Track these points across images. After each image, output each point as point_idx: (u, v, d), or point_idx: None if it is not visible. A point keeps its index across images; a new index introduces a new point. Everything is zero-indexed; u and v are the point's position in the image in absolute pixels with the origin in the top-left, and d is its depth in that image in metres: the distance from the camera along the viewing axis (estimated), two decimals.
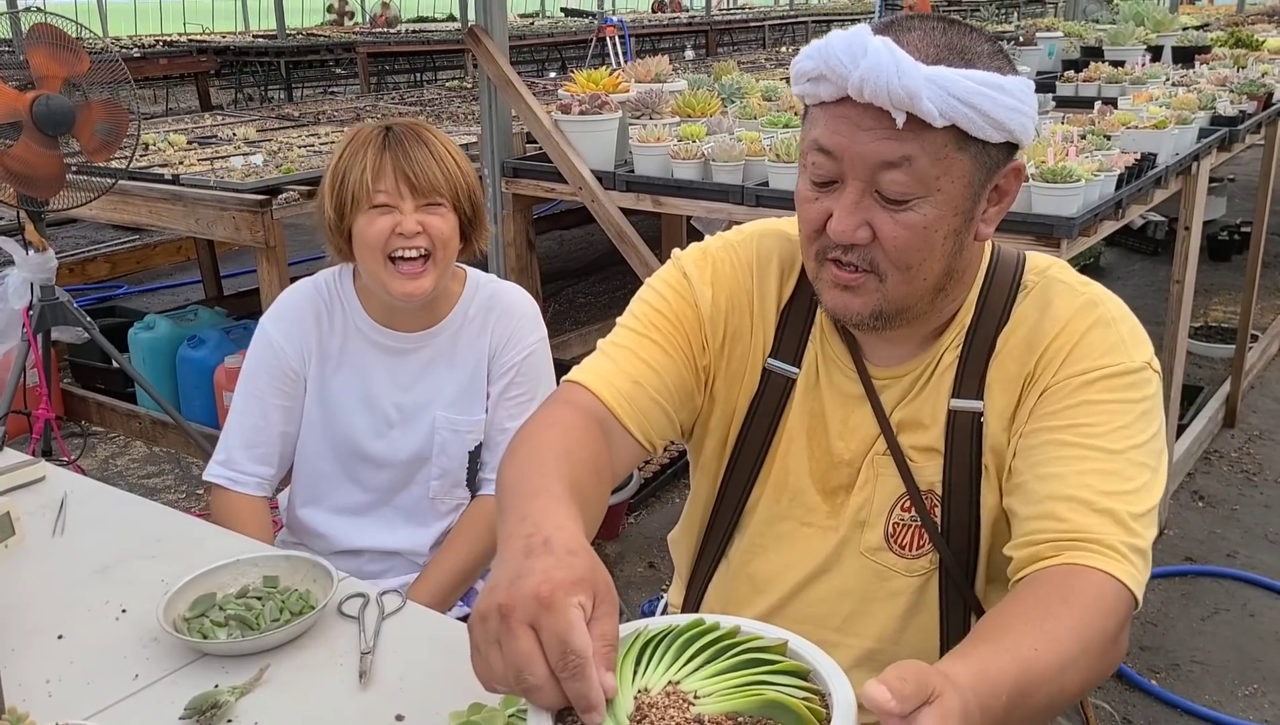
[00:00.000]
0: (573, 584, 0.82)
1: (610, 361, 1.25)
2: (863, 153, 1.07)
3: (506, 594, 0.82)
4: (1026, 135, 1.11)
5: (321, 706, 1.23)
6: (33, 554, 1.57)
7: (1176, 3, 9.27)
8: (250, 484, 1.86)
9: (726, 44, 14.60)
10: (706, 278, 1.31)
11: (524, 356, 1.87)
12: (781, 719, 0.82)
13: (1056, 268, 1.26)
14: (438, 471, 1.88)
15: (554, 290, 6.22)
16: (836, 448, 1.29)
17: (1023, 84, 1.09)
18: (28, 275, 3.39)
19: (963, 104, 1.04)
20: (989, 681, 0.87)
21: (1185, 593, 3.19)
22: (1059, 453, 1.13)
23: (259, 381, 1.86)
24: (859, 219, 1.10)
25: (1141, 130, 2.95)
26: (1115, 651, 1.03)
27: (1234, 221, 6.54)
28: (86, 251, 6.72)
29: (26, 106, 3.08)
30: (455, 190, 1.76)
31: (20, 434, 3.57)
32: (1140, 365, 1.17)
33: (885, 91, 1.03)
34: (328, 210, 1.77)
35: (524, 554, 0.87)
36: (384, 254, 1.73)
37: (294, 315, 1.87)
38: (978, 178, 1.11)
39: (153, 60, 9.26)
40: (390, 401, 1.86)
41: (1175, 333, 3.29)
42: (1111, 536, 1.06)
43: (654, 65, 3.72)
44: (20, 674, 1.27)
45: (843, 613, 1.31)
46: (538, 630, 0.80)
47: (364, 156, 1.73)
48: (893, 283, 1.14)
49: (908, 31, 1.08)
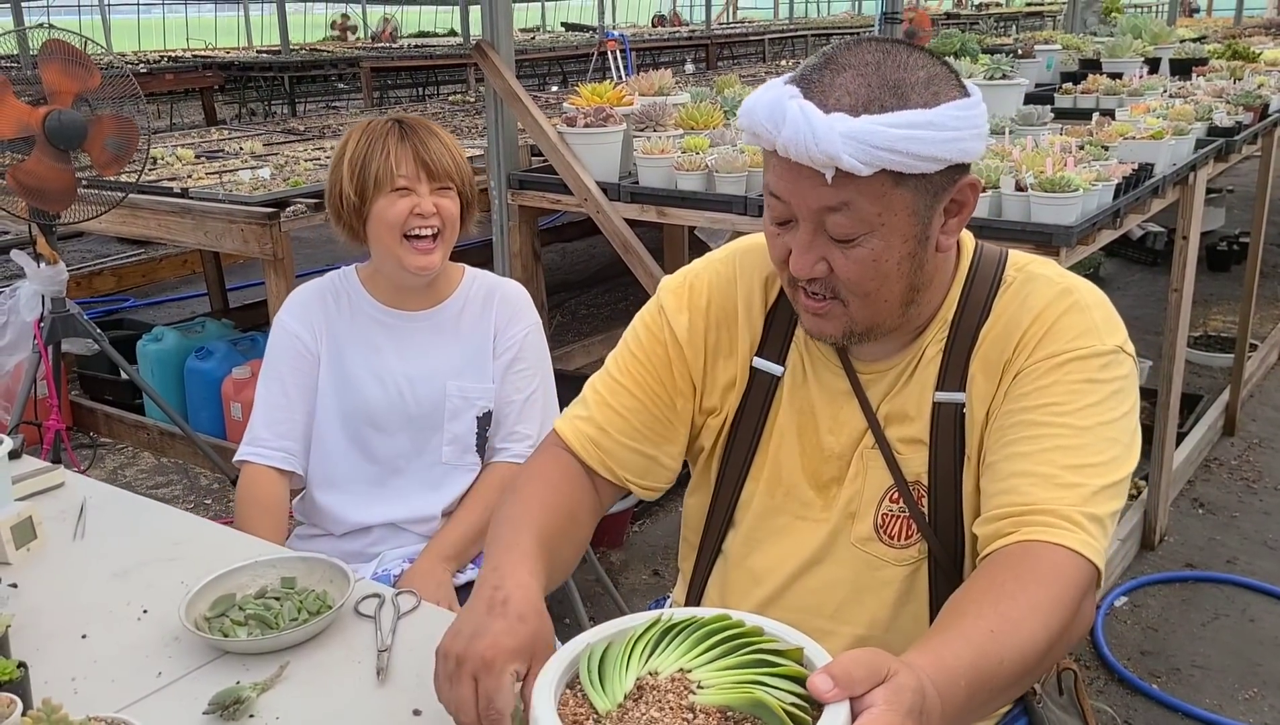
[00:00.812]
0: (513, 652, 1.04)
1: (585, 409, 1.39)
2: (805, 199, 1.14)
3: (464, 647, 1.05)
4: (970, 155, 1.14)
5: (341, 702, 1.26)
6: (54, 558, 1.61)
7: (1174, 15, 9.33)
8: (276, 458, 1.97)
9: (726, 58, 14.68)
10: (683, 303, 1.38)
11: (525, 334, 2.04)
12: (767, 719, 0.84)
13: (1037, 264, 1.30)
14: (449, 437, 2.01)
15: (557, 302, 6.26)
16: (827, 442, 1.33)
17: (956, 110, 1.11)
18: (39, 288, 3.43)
19: (887, 152, 1.08)
20: (946, 670, 0.91)
21: (1186, 598, 3.22)
22: (1027, 432, 1.17)
23: (280, 367, 2.01)
24: (814, 256, 1.17)
25: (1139, 141, 2.99)
26: (1079, 621, 1.07)
27: (1233, 232, 6.58)
28: (93, 265, 6.76)
29: (39, 121, 3.13)
30: (462, 176, 1.96)
31: (31, 445, 3.60)
32: (1112, 348, 1.20)
33: (807, 155, 1.09)
34: (349, 194, 1.91)
35: (486, 609, 1.08)
36: (402, 232, 1.90)
37: (305, 302, 2.04)
38: (923, 204, 1.15)
39: (158, 75, 9.34)
40: (401, 372, 2.00)
41: (1174, 342, 3.32)
42: (1068, 507, 1.10)
43: (657, 79, 3.76)
44: (46, 673, 1.30)
45: (835, 601, 1.35)
46: (477, 682, 1.03)
47: (384, 145, 1.90)
48: (856, 307, 1.20)
49: (840, 72, 1.11)
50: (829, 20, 17.95)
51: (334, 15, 15.94)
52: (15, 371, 3.90)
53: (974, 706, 0.94)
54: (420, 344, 2.03)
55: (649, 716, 0.85)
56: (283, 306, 2.07)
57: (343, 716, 1.24)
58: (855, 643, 1.34)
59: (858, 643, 1.34)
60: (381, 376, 2.00)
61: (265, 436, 1.98)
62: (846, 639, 1.34)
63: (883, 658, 0.84)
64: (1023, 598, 1.01)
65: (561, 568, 1.26)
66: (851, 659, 0.84)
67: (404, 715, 1.23)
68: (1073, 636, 1.07)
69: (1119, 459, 1.15)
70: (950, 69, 1.16)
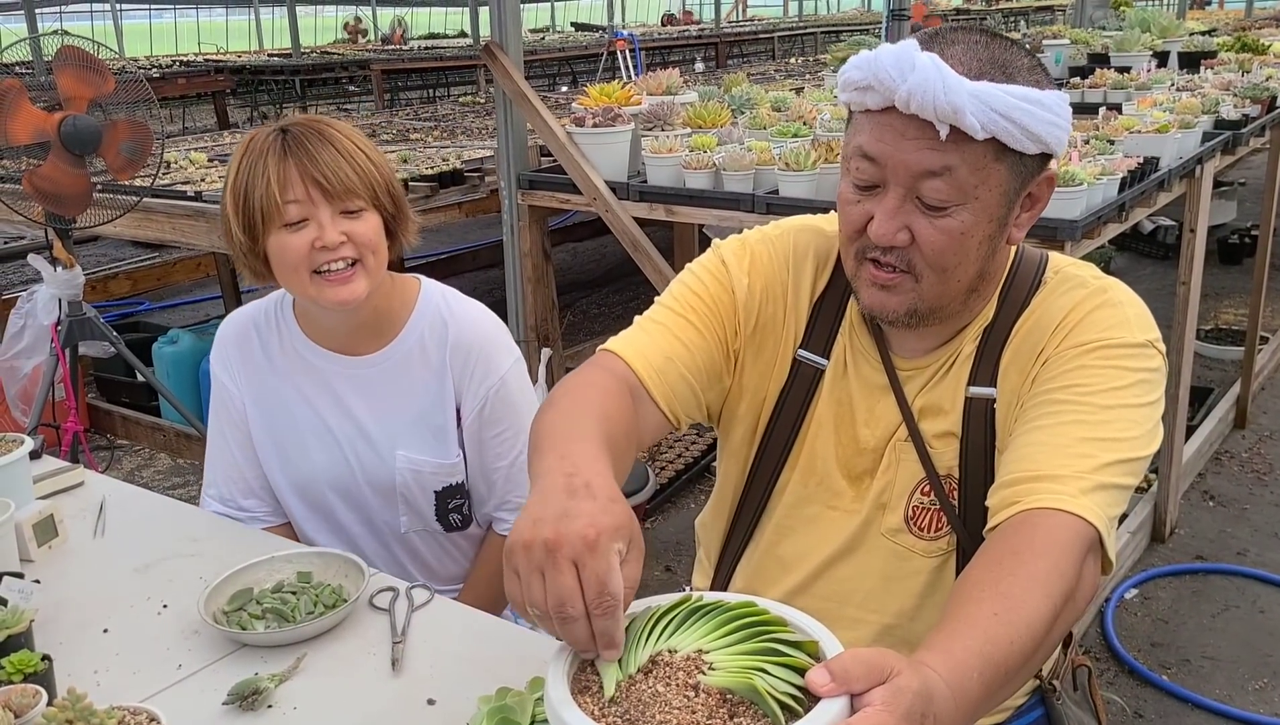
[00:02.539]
0: (615, 530, 0.91)
1: (646, 335, 1.31)
2: (906, 161, 1.13)
3: (554, 530, 0.89)
4: (1060, 146, 1.16)
5: (357, 692, 1.29)
6: (76, 554, 1.64)
7: (1184, 8, 9.30)
8: (260, 523, 1.80)
9: (736, 56, 14.68)
10: (744, 267, 1.36)
11: (494, 390, 1.71)
12: (762, 706, 0.86)
13: (1075, 266, 1.31)
14: (404, 508, 1.76)
15: (569, 301, 6.30)
16: (862, 435, 1.34)
17: (1059, 98, 1.14)
18: (56, 291, 3.48)
19: (1003, 118, 1.09)
20: (957, 664, 0.90)
21: (1196, 590, 3.23)
22: (1049, 408, 1.17)
23: (220, 421, 1.79)
24: (899, 223, 1.16)
25: (1145, 135, 3.00)
26: (1083, 585, 1.06)
27: (1244, 225, 6.56)
28: (108, 269, 6.82)
29: (54, 127, 3.17)
30: (372, 187, 1.59)
31: (49, 447, 3.65)
32: (1142, 341, 1.21)
33: (931, 105, 1.08)
34: (237, 234, 1.59)
35: (567, 493, 0.94)
36: (308, 271, 1.57)
37: (226, 347, 1.78)
38: (1013, 186, 1.16)
39: (171, 80, 9.41)
40: (343, 432, 1.73)
41: (1183, 334, 3.33)
42: (1074, 473, 1.09)
43: (665, 78, 3.79)
44: (69, 665, 1.33)
45: (864, 590, 1.36)
46: (580, 569, 0.88)
47: (264, 167, 1.55)
48: (928, 284, 1.20)
49: (951, 45, 1.14)
50: (839, 17, 17.95)
51: (345, 18, 16.01)
52: (33, 374, 3.95)
53: (992, 692, 0.94)
54: (364, 398, 1.72)
55: (654, 690, 0.88)
56: (214, 343, 1.80)
57: (358, 706, 1.26)
58: (882, 632, 1.36)
59: (884, 632, 1.36)
60: (323, 436, 1.73)
61: (234, 495, 1.80)
62: (874, 628, 1.36)
63: (887, 658, 0.84)
64: (1022, 573, 1.01)
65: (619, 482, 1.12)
66: (852, 656, 0.84)
67: (418, 704, 1.26)
68: (1079, 601, 1.06)
69: (1137, 440, 1.15)
70: (1043, 64, 1.19)
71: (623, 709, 0.87)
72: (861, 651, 0.85)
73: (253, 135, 1.61)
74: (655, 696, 0.88)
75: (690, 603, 0.97)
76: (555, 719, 0.87)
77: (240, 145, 1.62)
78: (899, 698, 0.82)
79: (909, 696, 0.82)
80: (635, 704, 0.88)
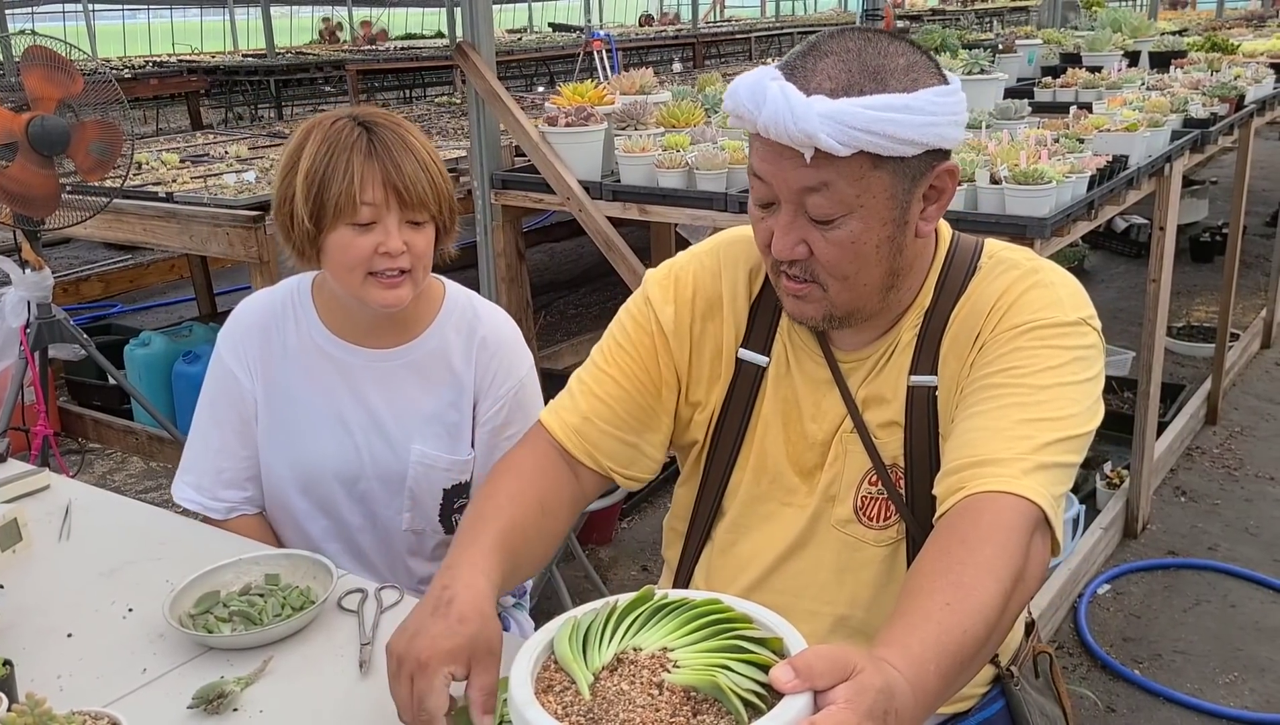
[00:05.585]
0: (448, 654, 1.05)
1: (570, 398, 1.39)
2: (786, 180, 1.16)
3: (404, 645, 1.07)
4: (947, 141, 1.16)
5: (324, 695, 1.28)
6: (40, 559, 1.62)
7: (1156, 9, 9.38)
8: (236, 512, 1.79)
9: (714, 55, 14.69)
10: (669, 296, 1.40)
11: (514, 392, 1.76)
12: (725, 703, 0.86)
13: (1009, 251, 1.32)
14: (409, 502, 1.76)
15: (545, 301, 6.29)
16: (810, 430, 1.36)
17: (934, 95, 1.14)
18: (25, 294, 3.45)
19: (865, 133, 1.10)
20: (914, 659, 0.91)
21: (1168, 585, 3.25)
22: (986, 394, 1.19)
23: (215, 407, 1.77)
24: (795, 237, 1.19)
25: (1114, 133, 3.02)
26: (1031, 565, 1.07)
27: (1215, 223, 6.63)
28: (80, 271, 6.76)
29: (22, 127, 3.14)
30: (440, 203, 1.63)
31: (19, 451, 3.61)
32: (1075, 319, 1.22)
33: (786, 134, 1.11)
34: (301, 218, 1.60)
35: (431, 608, 1.09)
36: (364, 271, 1.61)
37: (242, 332, 1.77)
38: (901, 188, 1.17)
39: (143, 80, 9.34)
40: (356, 422, 1.73)
41: (1153, 332, 3.35)
42: (1015, 455, 1.11)
43: (638, 78, 3.79)
44: (32, 670, 1.32)
45: (818, 583, 1.37)
46: (413, 683, 1.05)
47: (349, 162, 1.56)
48: (835, 291, 1.22)
49: (822, 58, 1.14)
50: (815, 17, 17.99)
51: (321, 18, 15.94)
52: (1, 378, 3.90)
53: (949, 682, 0.95)
54: (382, 390, 1.73)
55: (619, 689, 0.88)
56: (224, 327, 1.79)
57: (326, 709, 1.26)
58: (837, 622, 1.37)
59: (839, 622, 1.36)
60: (335, 425, 1.73)
61: (212, 486, 1.77)
62: (829, 619, 1.37)
63: (850, 655, 0.85)
64: (970, 561, 1.03)
65: (530, 561, 1.27)
66: (815, 653, 0.84)
67: (386, 706, 1.23)
68: (1029, 581, 1.07)
69: (1076, 417, 1.16)
70: (930, 58, 1.19)
71: (587, 707, 0.87)
72: (824, 648, 0.85)
73: (331, 122, 1.61)
74: (620, 695, 0.88)
75: (655, 600, 0.98)
76: (519, 719, 0.87)
77: (313, 128, 1.62)
78: (862, 695, 0.82)
79: (872, 694, 0.83)
80: (600, 702, 0.88)
